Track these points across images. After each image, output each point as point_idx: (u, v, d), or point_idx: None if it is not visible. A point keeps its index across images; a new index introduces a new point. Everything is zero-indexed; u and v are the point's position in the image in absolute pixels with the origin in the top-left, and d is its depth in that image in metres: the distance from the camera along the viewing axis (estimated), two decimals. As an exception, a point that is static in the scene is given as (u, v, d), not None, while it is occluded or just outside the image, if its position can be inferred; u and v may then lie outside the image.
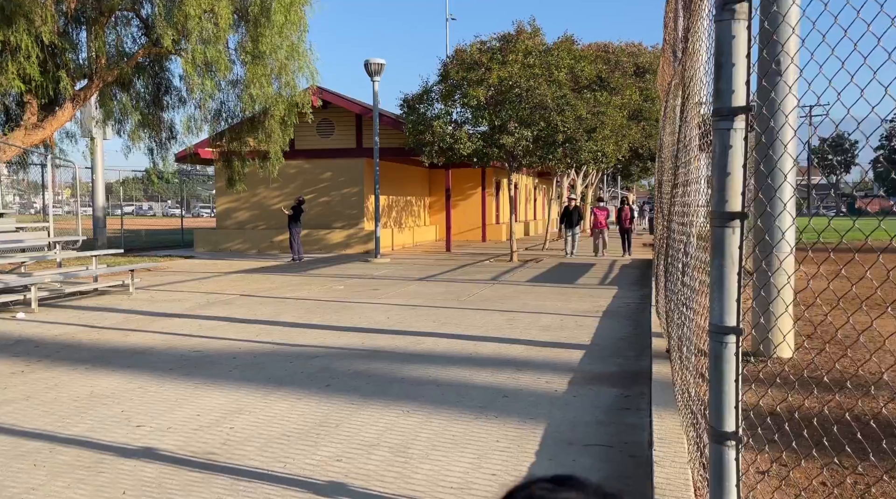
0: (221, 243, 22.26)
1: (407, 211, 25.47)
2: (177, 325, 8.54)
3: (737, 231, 2.71)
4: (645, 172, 41.96)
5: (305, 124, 20.80)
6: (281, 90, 16.91)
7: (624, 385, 5.62)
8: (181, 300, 10.73)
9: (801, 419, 4.42)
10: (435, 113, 17.12)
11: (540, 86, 15.86)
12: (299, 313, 9.39)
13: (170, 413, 4.90)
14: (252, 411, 4.94)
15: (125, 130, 17.28)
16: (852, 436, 4.12)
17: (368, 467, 3.88)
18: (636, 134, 22.69)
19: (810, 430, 4.29)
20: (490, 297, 10.96)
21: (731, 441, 2.70)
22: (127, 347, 7.27)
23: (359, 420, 4.73)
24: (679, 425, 3.99)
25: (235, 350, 7.04)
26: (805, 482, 3.55)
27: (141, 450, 4.17)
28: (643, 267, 16.03)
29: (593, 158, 17.25)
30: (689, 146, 3.86)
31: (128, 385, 5.68)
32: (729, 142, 2.71)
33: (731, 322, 2.70)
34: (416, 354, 6.80)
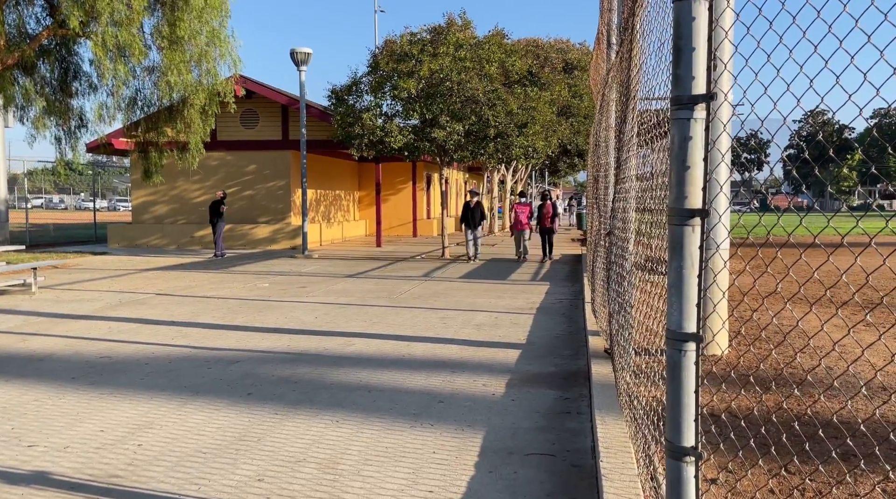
0: (138, 239, 21.15)
1: (336, 205, 24.89)
2: (83, 327, 7.89)
3: (697, 229, 2.50)
4: (572, 169, 42.61)
5: (228, 115, 20.00)
6: (201, 78, 16.12)
7: (562, 387, 5.44)
8: (90, 300, 9.99)
9: (741, 419, 4.33)
10: (364, 105, 16.69)
11: (471, 79, 15.65)
12: (220, 314, 8.86)
13: (69, 430, 4.39)
14: (163, 425, 4.49)
15: (28, 116, 16.12)
16: (795, 437, 4.05)
17: (294, 488, 3.52)
18: (565, 130, 22.86)
19: (752, 430, 4.20)
20: (422, 294, 10.67)
21: (689, 457, 2.50)
22: (24, 353, 6.61)
23: (283, 433, 4.36)
24: (624, 432, 3.81)
25: (148, 355, 6.50)
26: (752, 490, 3.42)
27: (32, 474, 3.68)
28: (573, 263, 16.09)
29: (524, 153, 17.20)
30: (631, 144, 3.67)
31: (22, 398, 5.11)
32: (688, 132, 2.50)
33: (691, 328, 2.50)
34: (346, 357, 6.44)
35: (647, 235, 3.56)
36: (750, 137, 68.34)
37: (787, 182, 67.39)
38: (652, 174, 3.35)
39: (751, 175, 72.73)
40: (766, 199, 42.56)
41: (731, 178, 4.75)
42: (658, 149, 3.40)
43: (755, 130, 60.55)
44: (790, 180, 63.47)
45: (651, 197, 3.29)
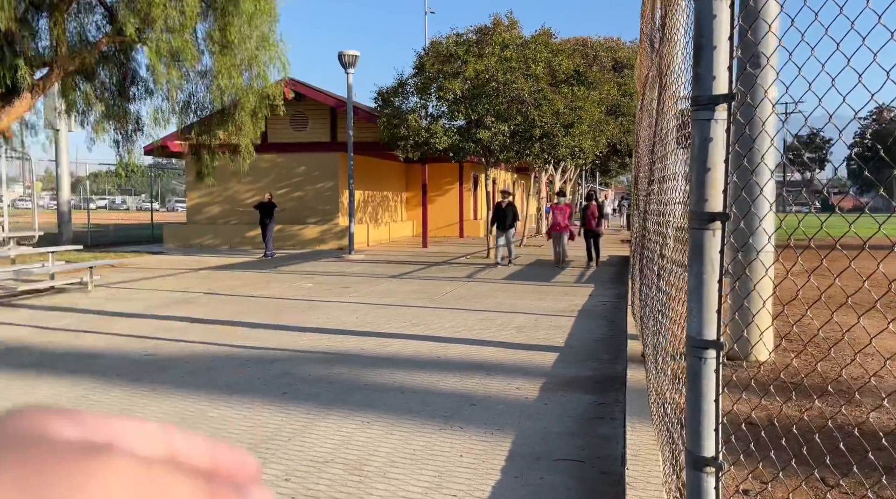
0: (192, 239, 21.73)
1: (383, 206, 25.10)
2: (133, 325, 8.14)
3: (717, 234, 2.42)
4: (623, 168, 41.94)
5: (278, 117, 20.33)
6: (252, 82, 16.44)
7: (598, 391, 5.35)
8: (142, 299, 10.30)
9: (781, 429, 4.18)
10: (410, 106, 16.77)
11: (517, 79, 15.57)
12: (264, 313, 9.02)
13: (109, 426, 4.54)
14: (197, 424, 4.59)
15: (89, 121, 16.71)
16: (835, 448, 3.88)
17: (319, 488, 3.56)
18: (614, 129, 22.51)
19: (790, 441, 4.05)
20: (464, 295, 10.66)
21: (710, 467, 2.43)
22: (77, 350, 6.86)
23: (314, 433, 4.41)
24: (654, 439, 3.72)
25: (190, 354, 6.67)
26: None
27: (71, 469, 3.81)
28: (620, 265, 15.84)
29: (570, 154, 17.01)
30: (666, 140, 3.58)
31: (69, 394, 5.30)
32: (709, 134, 2.43)
33: (711, 335, 2.43)
34: (383, 358, 6.48)
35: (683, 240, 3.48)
36: (813, 136, 66.04)
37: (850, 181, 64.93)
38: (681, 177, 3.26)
39: (811, 174, 70.37)
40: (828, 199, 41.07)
41: (771, 179, 4.59)
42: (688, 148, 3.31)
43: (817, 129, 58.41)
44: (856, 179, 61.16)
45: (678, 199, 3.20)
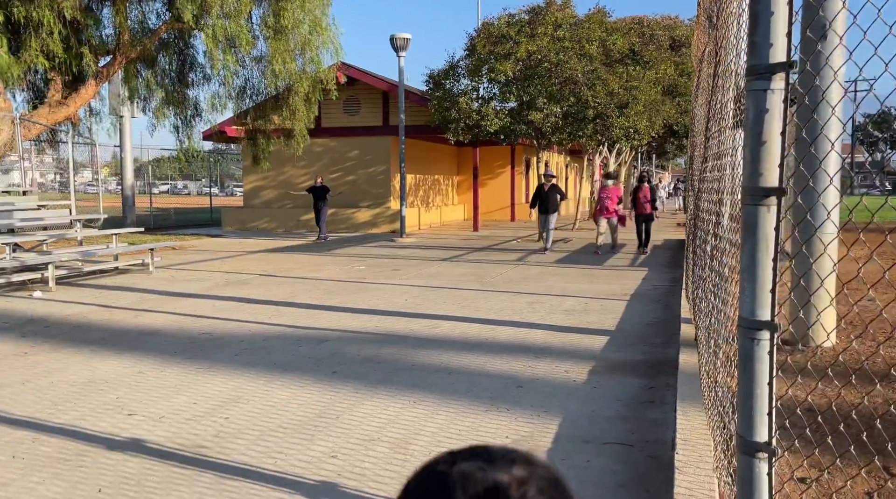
0: (249, 222, 22.20)
1: (434, 190, 25.12)
2: (190, 305, 8.37)
3: (772, 210, 2.32)
4: (680, 150, 40.92)
5: (331, 102, 20.51)
6: (305, 66, 16.61)
7: (648, 375, 5.25)
8: (200, 280, 10.58)
9: (840, 415, 4.01)
10: (461, 89, 16.68)
11: (570, 60, 15.30)
12: (317, 294, 9.15)
13: (165, 401, 4.68)
14: (251, 400, 4.69)
15: (150, 107, 17.18)
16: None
17: (364, 465, 3.59)
18: (671, 110, 21.94)
19: (850, 427, 3.88)
20: (513, 278, 10.59)
21: (762, 453, 2.34)
22: (136, 328, 7.09)
23: (361, 411, 4.45)
24: (706, 424, 3.62)
25: (245, 333, 6.81)
26: (846, 490, 3.17)
27: (128, 441, 3.94)
28: (676, 247, 15.48)
29: (625, 135, 16.66)
30: (722, 114, 3.44)
31: (128, 370, 5.48)
32: (765, 105, 2.32)
33: (765, 316, 2.33)
34: (430, 339, 6.49)
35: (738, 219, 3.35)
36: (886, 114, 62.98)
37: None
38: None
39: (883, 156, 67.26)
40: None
41: (832, 151, 4.37)
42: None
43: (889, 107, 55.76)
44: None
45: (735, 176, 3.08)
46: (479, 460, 0.60)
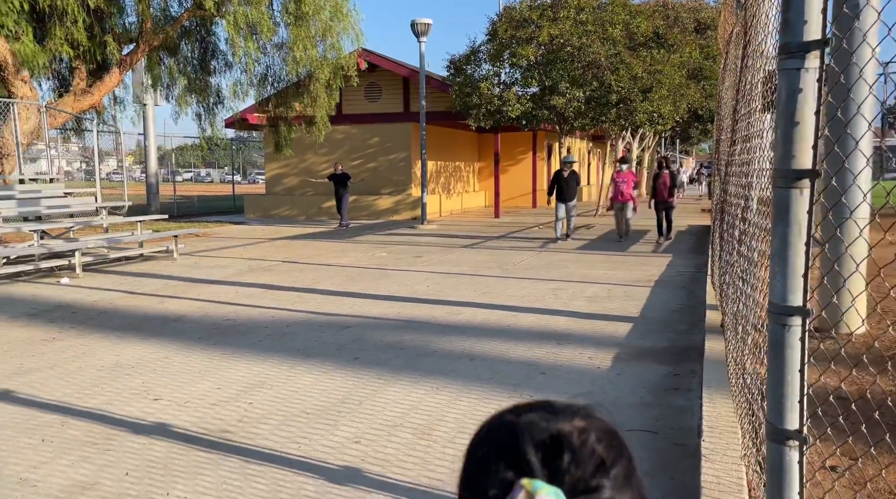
0: (271, 209, 22.33)
1: (455, 176, 25.05)
2: (214, 291, 8.43)
3: (805, 192, 2.25)
4: (705, 135, 40.37)
5: (352, 88, 20.49)
6: (326, 53, 16.59)
7: (673, 362, 5.19)
8: (223, 266, 10.66)
9: (874, 403, 3.93)
10: (482, 74, 16.56)
11: (593, 44, 15.12)
12: (339, 281, 9.18)
13: (190, 386, 4.72)
14: (274, 385, 4.71)
15: (173, 95, 17.29)
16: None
17: (388, 451, 3.59)
18: (695, 94, 21.61)
19: (885, 416, 3.80)
20: (535, 265, 10.54)
21: (793, 441, 2.29)
22: (161, 314, 7.17)
23: (384, 397, 4.45)
24: (733, 411, 3.57)
25: (268, 319, 6.85)
26: (878, 479, 3.10)
27: (154, 426, 3.98)
28: (701, 233, 15.30)
29: (649, 120, 16.45)
30: (750, 96, 3.36)
31: (154, 355, 5.54)
32: (798, 84, 2.24)
33: (797, 301, 2.27)
34: (452, 326, 6.48)
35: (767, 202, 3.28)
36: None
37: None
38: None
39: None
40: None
41: (869, 131, 4.25)
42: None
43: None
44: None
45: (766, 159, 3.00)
46: (543, 411, 0.66)
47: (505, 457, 0.63)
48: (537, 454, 0.62)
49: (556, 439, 0.63)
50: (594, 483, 0.62)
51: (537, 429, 0.64)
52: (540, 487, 0.60)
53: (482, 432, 0.68)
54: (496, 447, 0.65)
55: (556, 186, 13.71)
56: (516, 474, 0.62)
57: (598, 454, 0.63)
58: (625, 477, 0.64)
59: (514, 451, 0.63)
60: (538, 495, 0.59)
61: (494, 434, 0.67)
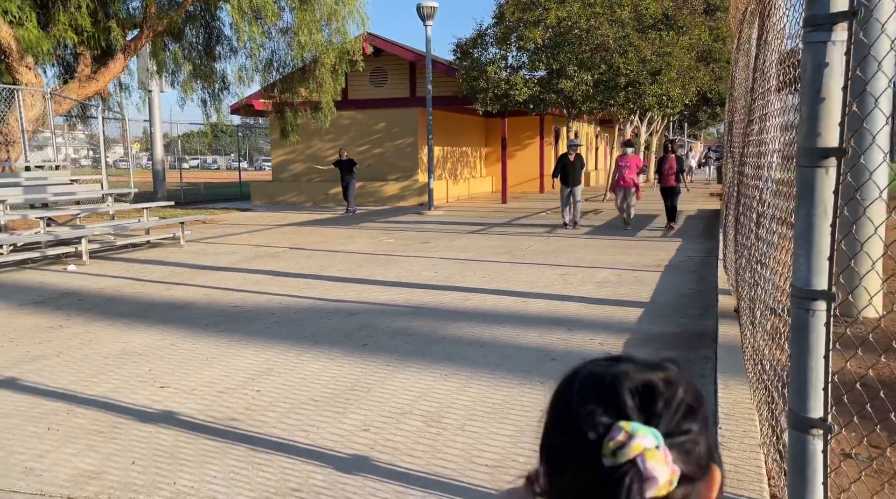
0: (277, 196, 22.27)
1: (462, 162, 24.92)
2: (221, 278, 8.39)
3: (831, 172, 2.17)
4: (714, 119, 40.02)
5: (358, 73, 20.33)
6: (331, 37, 16.45)
7: (686, 348, 5.11)
8: (230, 253, 10.62)
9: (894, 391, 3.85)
10: (489, 58, 16.40)
11: (601, 26, 14.92)
12: (346, 267, 9.12)
13: (197, 374, 4.67)
14: (282, 373, 4.66)
15: (178, 81, 17.20)
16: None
17: (397, 439, 3.54)
18: (705, 77, 21.34)
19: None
20: (543, 250, 10.45)
21: (817, 429, 2.22)
22: (168, 301, 7.13)
23: (393, 384, 4.40)
24: (749, 397, 3.49)
25: (275, 305, 6.80)
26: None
27: (161, 414, 3.94)
28: (710, 217, 15.17)
29: (658, 103, 16.27)
30: (769, 73, 3.26)
31: (161, 342, 5.50)
32: (825, 58, 2.15)
33: (821, 285, 2.19)
34: (461, 312, 6.42)
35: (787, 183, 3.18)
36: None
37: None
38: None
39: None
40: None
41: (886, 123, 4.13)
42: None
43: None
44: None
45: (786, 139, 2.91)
46: (632, 363, 0.71)
47: (603, 402, 0.68)
48: (634, 400, 0.67)
49: (650, 386, 0.68)
50: (685, 426, 0.68)
51: (632, 378, 0.69)
52: (638, 428, 0.65)
53: (571, 383, 0.72)
54: (594, 394, 0.69)
55: (562, 170, 13.36)
56: (614, 417, 0.67)
57: (686, 401, 0.69)
58: (705, 421, 0.70)
59: (612, 397, 0.68)
60: (637, 435, 0.64)
61: (588, 383, 0.71)
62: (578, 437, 0.68)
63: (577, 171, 13.22)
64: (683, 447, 0.67)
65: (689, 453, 0.67)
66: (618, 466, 0.64)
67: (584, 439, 0.67)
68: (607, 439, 0.65)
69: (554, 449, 0.71)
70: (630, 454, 0.64)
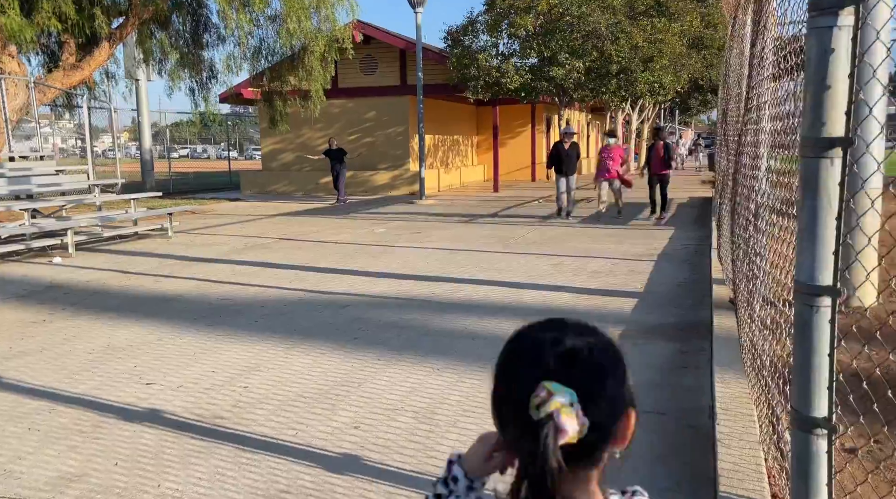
0: (268, 185, 22.08)
1: (454, 150, 24.78)
2: (210, 270, 8.27)
3: (837, 162, 2.08)
4: (704, 106, 39.95)
5: (348, 61, 20.10)
6: (320, 24, 16.23)
7: (681, 339, 5.05)
8: (219, 244, 10.49)
9: (892, 381, 3.79)
10: (480, 45, 16.24)
11: (593, 12, 14.78)
12: (337, 258, 9.02)
13: (184, 369, 4.57)
14: (271, 368, 4.57)
15: (165, 69, 16.96)
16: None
17: (388, 437, 3.46)
18: (696, 64, 21.26)
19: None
20: (536, 240, 10.38)
21: (821, 429, 2.15)
22: (155, 294, 7.01)
23: (384, 379, 4.31)
24: (746, 392, 3.43)
25: (265, 298, 6.70)
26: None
27: (145, 412, 3.84)
28: (702, 206, 15.12)
29: (650, 90, 16.18)
30: (768, 60, 3.17)
31: (147, 337, 5.39)
32: (830, 44, 2.06)
33: (826, 280, 2.11)
34: (453, 303, 6.33)
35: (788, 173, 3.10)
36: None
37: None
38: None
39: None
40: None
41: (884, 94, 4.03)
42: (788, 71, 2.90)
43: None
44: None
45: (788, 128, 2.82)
46: (559, 329, 0.86)
47: (531, 364, 0.82)
48: (557, 362, 0.81)
49: (572, 351, 0.82)
50: (598, 387, 0.82)
51: (558, 343, 0.83)
52: (558, 388, 0.79)
53: (512, 345, 0.88)
54: (527, 356, 0.84)
55: (556, 159, 12.94)
56: (539, 377, 0.80)
57: (603, 364, 0.84)
58: (621, 379, 0.85)
59: (540, 359, 0.82)
60: (556, 394, 0.78)
61: (522, 346, 0.86)
62: (512, 391, 0.82)
63: (573, 160, 12.83)
64: (596, 403, 0.80)
65: (600, 407, 0.81)
66: (539, 419, 0.78)
67: (516, 393, 0.81)
68: (533, 395, 0.79)
69: (497, 400, 0.87)
70: (549, 409, 0.78)
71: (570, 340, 0.83)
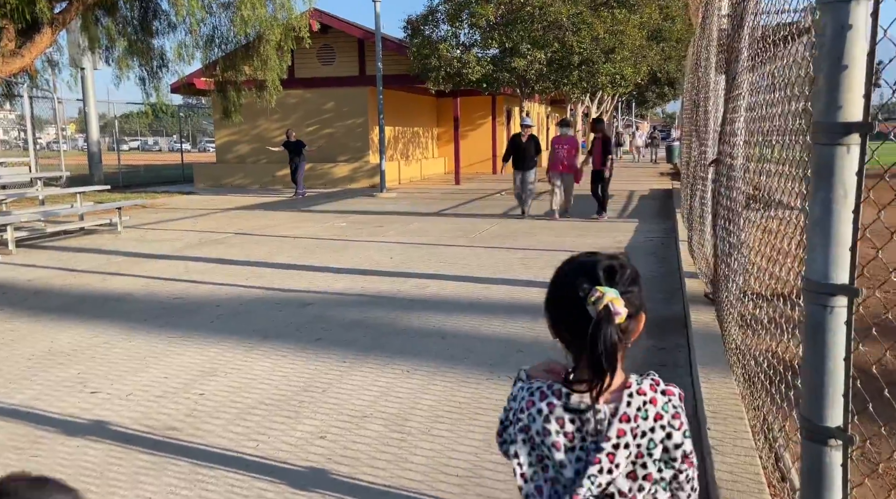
0: (222, 179, 21.46)
1: (414, 143, 24.47)
2: (162, 267, 7.87)
3: (854, 150, 1.90)
4: (661, 99, 40.37)
5: (305, 51, 19.59)
6: (276, 12, 15.75)
7: (656, 335, 4.91)
8: (172, 240, 10.05)
9: (881, 377, 3.70)
10: (441, 35, 15.97)
11: (554, 3, 14.64)
12: (296, 253, 8.69)
13: (133, 375, 4.24)
14: (228, 373, 4.27)
15: (113, 58, 16.26)
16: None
17: (357, 447, 3.21)
18: (655, 56, 21.36)
19: (893, 390, 3.57)
20: (501, 233, 10.20)
21: (836, 440, 1.98)
22: (103, 293, 6.61)
23: (351, 383, 4.06)
24: (734, 393, 3.28)
25: (221, 297, 6.36)
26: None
27: (90, 424, 3.52)
28: (663, 198, 15.16)
29: (611, 82, 16.14)
30: (759, 45, 3.00)
31: (93, 340, 5.03)
32: (847, 19, 1.88)
33: (841, 279, 1.94)
34: (420, 300, 6.10)
35: (772, 160, 2.94)
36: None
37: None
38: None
39: None
40: None
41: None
42: (784, 57, 2.74)
43: None
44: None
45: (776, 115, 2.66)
46: (601, 254, 1.29)
47: (586, 275, 1.23)
48: (604, 274, 1.23)
49: (612, 267, 1.24)
50: (631, 288, 1.24)
51: (601, 262, 1.25)
52: (607, 289, 1.20)
53: (567, 265, 1.32)
54: (581, 271, 1.25)
55: (514, 152, 12.04)
56: (593, 284, 1.21)
57: (631, 275, 1.25)
58: (641, 286, 1.27)
59: (592, 272, 1.23)
60: (607, 293, 1.19)
61: (577, 266, 1.28)
62: (572, 295, 1.22)
63: (531, 153, 11.95)
64: (630, 299, 1.22)
65: (632, 302, 1.22)
66: (599, 311, 1.18)
67: (576, 295, 1.21)
68: (590, 295, 1.19)
69: (556, 303, 1.29)
70: (605, 302, 1.18)
71: (607, 261, 1.25)
